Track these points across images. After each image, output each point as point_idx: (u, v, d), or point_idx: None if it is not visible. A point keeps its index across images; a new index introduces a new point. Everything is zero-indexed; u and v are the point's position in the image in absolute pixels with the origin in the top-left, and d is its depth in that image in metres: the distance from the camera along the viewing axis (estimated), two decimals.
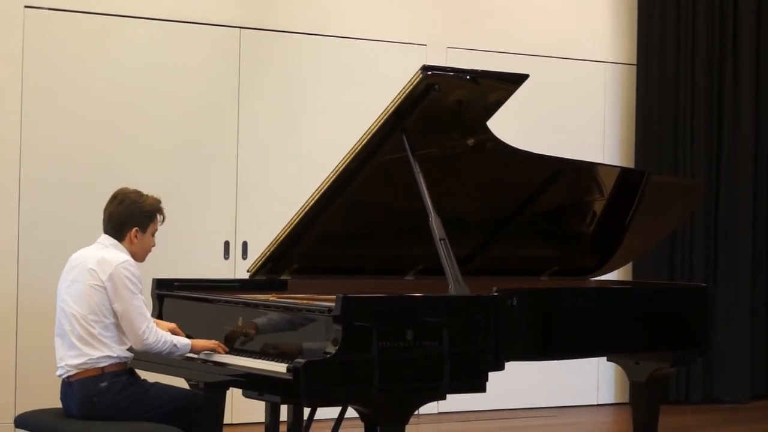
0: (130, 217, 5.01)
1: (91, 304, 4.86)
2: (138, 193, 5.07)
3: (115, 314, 4.87)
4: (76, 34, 7.64)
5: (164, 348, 4.89)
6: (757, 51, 9.72)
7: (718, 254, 9.54)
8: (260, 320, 4.96)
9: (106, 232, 5.05)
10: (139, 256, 5.06)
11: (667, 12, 9.40)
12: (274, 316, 4.91)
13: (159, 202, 5.10)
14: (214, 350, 4.97)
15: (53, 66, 7.58)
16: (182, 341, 4.94)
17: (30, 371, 7.40)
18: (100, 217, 5.70)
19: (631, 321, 5.59)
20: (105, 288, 4.85)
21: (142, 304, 4.89)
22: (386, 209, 5.67)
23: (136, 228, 5.01)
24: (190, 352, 4.96)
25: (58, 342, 4.96)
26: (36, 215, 7.48)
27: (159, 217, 5.10)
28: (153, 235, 5.10)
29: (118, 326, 4.89)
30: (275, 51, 8.19)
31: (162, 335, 4.89)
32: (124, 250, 4.99)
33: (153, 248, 5.13)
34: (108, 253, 4.93)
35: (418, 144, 5.10)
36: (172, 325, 5.16)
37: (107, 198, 7.37)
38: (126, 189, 5.11)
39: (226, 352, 4.95)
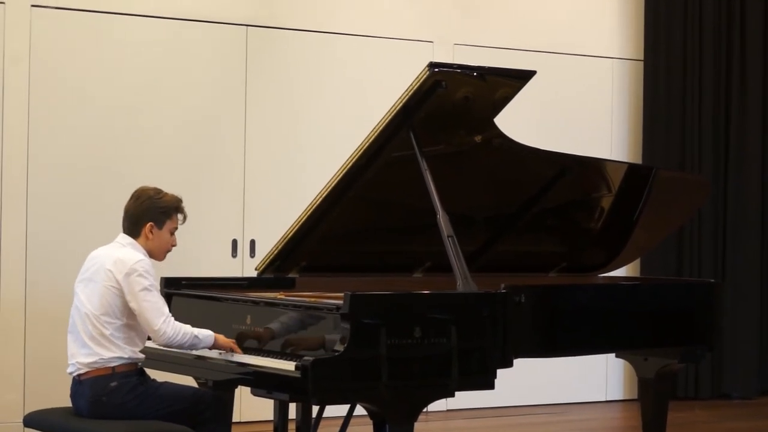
0: (145, 212, 5.01)
1: (105, 305, 4.86)
2: (156, 190, 5.08)
3: (129, 315, 4.88)
4: (83, 32, 7.64)
5: (185, 340, 4.88)
6: (764, 46, 9.70)
7: (726, 250, 9.53)
8: (270, 325, 4.96)
9: (124, 229, 5.05)
10: (156, 254, 5.06)
11: (674, 7, 9.38)
12: (282, 314, 4.91)
13: (178, 200, 5.09)
14: (231, 350, 4.95)
15: (60, 64, 7.58)
16: (204, 332, 4.92)
17: (38, 370, 7.41)
18: (108, 215, 5.73)
19: (639, 317, 5.59)
20: (121, 288, 4.86)
21: (158, 299, 4.89)
22: (394, 206, 5.67)
23: (150, 223, 5.01)
24: (212, 346, 4.96)
25: (70, 339, 4.97)
26: (44, 214, 7.49)
27: (178, 216, 5.09)
28: (172, 234, 5.08)
29: (130, 327, 4.90)
30: (282, 49, 8.19)
31: (180, 328, 4.87)
32: (141, 249, 4.99)
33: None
34: (124, 253, 4.93)
35: (425, 141, 5.10)
36: None
37: (115, 196, 7.41)
38: (146, 186, 5.12)
39: (243, 352, 4.95)
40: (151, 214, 5.02)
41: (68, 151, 7.57)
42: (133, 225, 5.03)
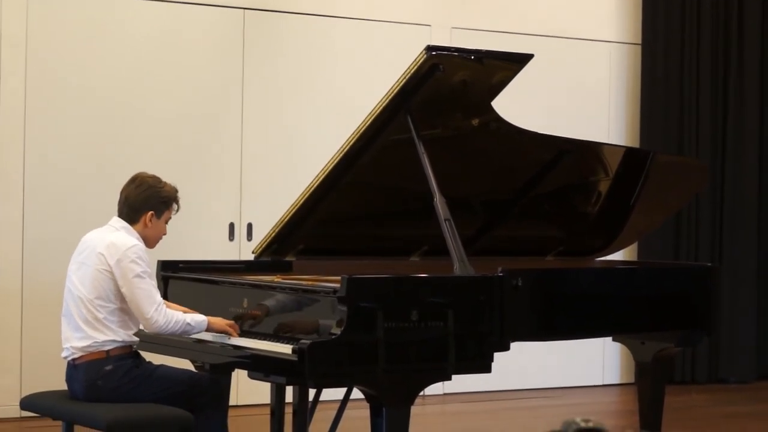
0: (147, 200, 5.01)
1: (99, 288, 4.86)
2: (156, 179, 5.08)
3: (122, 299, 4.87)
4: (80, 16, 7.62)
5: (176, 328, 4.88)
6: (762, 30, 9.69)
7: (723, 234, 9.54)
8: (265, 302, 4.96)
9: (120, 213, 5.04)
10: (150, 241, 5.06)
11: None
12: (279, 297, 4.91)
13: (176, 191, 5.10)
14: (228, 332, 4.95)
15: (57, 48, 7.56)
16: (197, 318, 4.92)
17: (35, 354, 7.41)
18: (105, 198, 5.69)
19: (636, 301, 5.59)
20: (113, 272, 4.85)
21: (151, 287, 4.88)
22: (391, 190, 5.67)
23: (151, 212, 5.01)
24: (207, 329, 4.95)
25: (64, 322, 4.97)
26: (40, 198, 7.49)
27: (174, 206, 5.10)
28: (166, 223, 5.10)
29: (123, 311, 4.90)
30: (279, 32, 8.18)
31: (173, 316, 4.87)
32: (135, 233, 4.99)
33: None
34: (117, 237, 4.93)
35: (422, 124, 5.09)
36: (180, 309, 5.15)
37: (112, 181, 7.39)
38: (145, 173, 5.11)
39: (239, 335, 4.95)
40: (152, 203, 5.02)
41: (65, 134, 7.56)
42: (133, 212, 5.02)
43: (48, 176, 7.52)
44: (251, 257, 5.68)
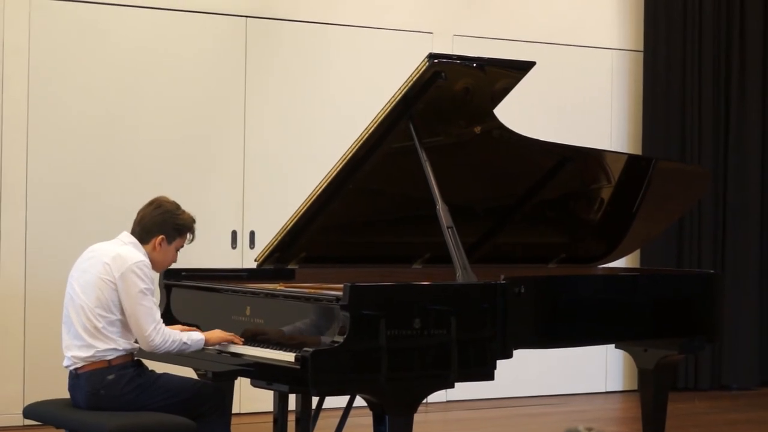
0: (161, 224, 5.01)
1: (100, 298, 4.86)
2: (175, 205, 5.09)
3: (122, 311, 4.87)
4: (82, 24, 7.62)
5: (172, 347, 4.88)
6: (764, 35, 9.68)
7: (726, 240, 9.53)
8: (268, 310, 4.96)
9: (132, 232, 5.04)
10: (157, 265, 5.06)
11: None
12: (281, 305, 4.91)
13: (193, 221, 5.11)
14: (230, 342, 4.95)
15: (59, 56, 7.57)
16: (194, 337, 4.92)
17: (38, 362, 7.40)
18: (107, 205, 5.69)
19: (639, 308, 5.59)
20: (116, 284, 4.85)
21: (152, 305, 4.88)
22: (393, 197, 5.67)
23: (162, 236, 5.01)
24: (205, 345, 4.95)
25: (64, 330, 4.98)
26: (43, 206, 7.48)
27: (188, 236, 5.10)
28: (177, 251, 5.10)
29: (123, 323, 4.89)
30: (281, 40, 8.18)
31: (169, 335, 4.88)
32: (143, 250, 4.98)
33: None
34: (125, 251, 4.93)
35: (425, 132, 5.10)
36: (179, 327, 5.15)
37: (114, 188, 7.44)
38: (165, 197, 5.12)
39: (243, 343, 4.95)
40: (165, 228, 5.02)
41: (67, 143, 7.56)
42: (144, 233, 5.02)
43: (50, 184, 7.51)
44: (254, 265, 5.67)
